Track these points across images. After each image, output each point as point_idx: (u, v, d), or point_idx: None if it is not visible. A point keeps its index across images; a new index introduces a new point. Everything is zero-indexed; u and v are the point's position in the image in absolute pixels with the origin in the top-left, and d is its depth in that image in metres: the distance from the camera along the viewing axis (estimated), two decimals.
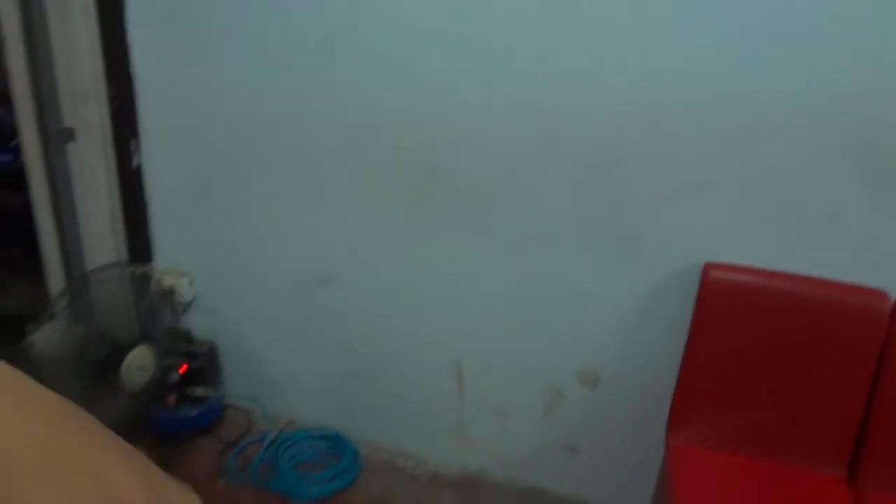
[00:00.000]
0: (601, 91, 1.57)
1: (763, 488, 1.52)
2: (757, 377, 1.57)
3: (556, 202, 1.69)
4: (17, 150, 3.72)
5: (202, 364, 2.08)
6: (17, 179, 3.70)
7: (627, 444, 1.82)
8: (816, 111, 1.46)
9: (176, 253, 2.18)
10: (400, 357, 2.01)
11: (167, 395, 1.88)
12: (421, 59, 1.68)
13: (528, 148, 1.67)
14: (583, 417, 1.86)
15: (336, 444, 2.11)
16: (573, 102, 1.60)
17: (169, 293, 2.12)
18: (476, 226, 1.78)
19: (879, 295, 1.49)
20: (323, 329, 2.07)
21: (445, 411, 2.01)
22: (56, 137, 2.05)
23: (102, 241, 2.19)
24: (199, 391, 2.04)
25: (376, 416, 2.11)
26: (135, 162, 2.08)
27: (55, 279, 2.24)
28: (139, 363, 1.64)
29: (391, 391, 2.06)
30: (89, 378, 1.60)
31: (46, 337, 1.58)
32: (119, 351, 1.62)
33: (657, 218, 1.62)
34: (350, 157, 1.84)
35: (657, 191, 1.61)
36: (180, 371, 1.85)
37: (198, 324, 2.20)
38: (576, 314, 1.77)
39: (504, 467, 2.00)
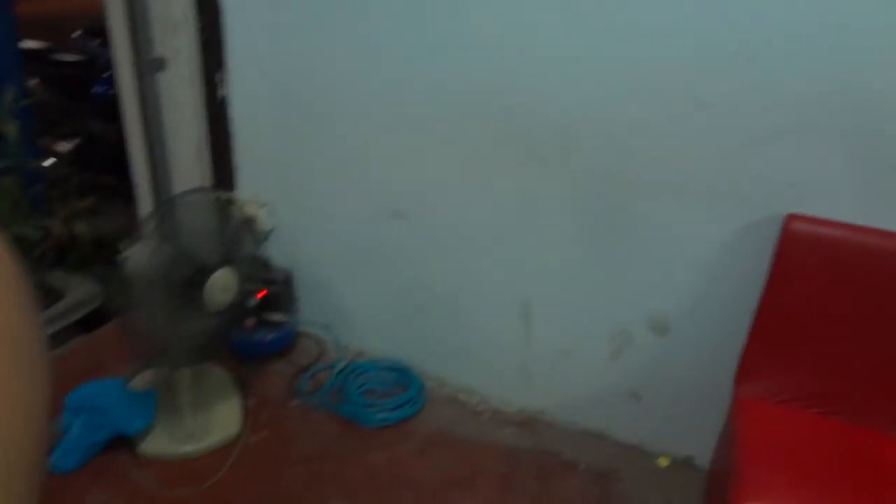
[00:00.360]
0: (690, 29, 1.52)
1: (832, 447, 1.49)
2: (834, 334, 1.53)
3: (637, 142, 1.66)
4: (109, 82, 3.88)
5: (279, 291, 2.16)
6: (109, 110, 3.88)
7: (693, 394, 1.82)
8: None
9: (257, 183, 2.25)
10: (469, 294, 2.04)
11: (246, 319, 1.97)
12: None
13: (612, 85, 1.63)
14: (649, 364, 1.86)
15: (403, 376, 2.18)
16: (660, 40, 1.55)
17: (250, 222, 2.20)
18: (554, 164, 1.77)
19: None
20: (396, 263, 2.12)
21: (511, 350, 2.04)
22: (148, 67, 2.12)
23: (189, 168, 2.28)
24: (276, 317, 2.13)
25: (443, 351, 2.16)
26: (220, 93, 2.14)
27: (145, 204, 2.36)
28: (222, 284, 1.72)
29: (459, 327, 2.10)
30: (175, 295, 1.69)
31: (137, 256, 1.66)
32: (203, 271, 1.70)
33: (742, 163, 1.57)
34: (429, 93, 1.85)
35: (745, 135, 1.55)
36: (258, 296, 1.93)
37: (276, 253, 2.28)
38: (650, 260, 1.75)
39: (566, 409, 2.03)
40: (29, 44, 3.33)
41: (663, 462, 1.92)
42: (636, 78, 1.60)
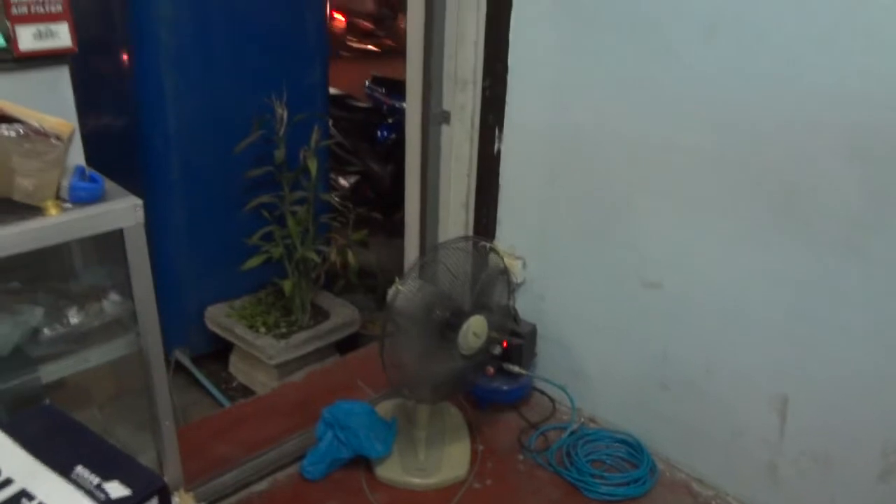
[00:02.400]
0: None
1: None
2: None
3: None
4: (390, 129, 4.29)
5: (523, 344, 2.21)
6: (387, 153, 4.29)
7: None
8: None
9: (515, 237, 2.34)
10: (720, 376, 1.92)
11: (488, 365, 2.03)
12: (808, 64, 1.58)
13: None
14: None
15: (634, 451, 2.10)
16: None
17: (504, 273, 2.28)
18: (841, 250, 1.62)
19: None
20: (642, 334, 2.07)
21: (759, 445, 1.88)
22: (435, 118, 2.32)
23: (455, 215, 2.43)
24: (516, 368, 2.17)
25: (681, 433, 2.05)
26: (496, 147, 2.27)
27: (411, 242, 2.55)
28: (475, 329, 1.80)
29: (703, 411, 1.98)
30: (432, 334, 1.80)
31: (405, 292, 1.80)
32: (460, 315, 1.79)
33: None
34: (702, 163, 1.80)
35: None
36: (503, 345, 1.98)
37: (524, 306, 2.33)
38: None
39: None
40: (331, 90, 3.80)
41: None
42: None
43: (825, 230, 1.64)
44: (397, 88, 4.20)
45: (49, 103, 1.39)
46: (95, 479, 0.86)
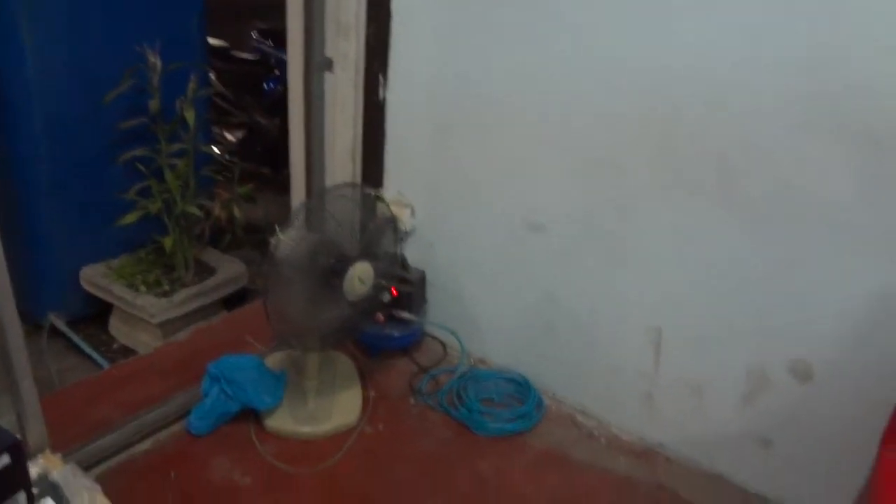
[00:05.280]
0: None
1: None
2: None
3: (812, 180, 1.56)
4: (277, 81, 4.17)
5: (412, 291, 2.22)
6: (275, 107, 4.16)
7: (831, 448, 1.69)
8: None
9: (403, 185, 2.33)
10: (600, 315, 2.01)
11: (377, 313, 2.04)
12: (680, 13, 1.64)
13: (790, 119, 1.55)
14: (786, 411, 1.74)
15: (522, 389, 2.18)
16: (859, 70, 1.45)
17: (392, 220, 2.28)
18: (712, 195, 1.71)
19: None
20: (529, 276, 2.13)
21: (637, 377, 1.98)
22: (317, 66, 2.25)
23: (342, 165, 2.39)
24: (406, 315, 2.19)
25: (566, 369, 2.14)
26: (381, 96, 2.24)
27: (298, 195, 2.50)
28: (361, 275, 1.80)
29: (585, 347, 2.07)
30: (318, 281, 1.78)
31: (286, 242, 1.77)
32: (345, 261, 1.78)
33: None
34: (590, 110, 1.84)
35: None
36: (392, 293, 1.99)
37: (413, 253, 2.35)
38: (802, 300, 1.65)
39: (688, 446, 1.95)
40: (212, 41, 3.64)
41: None
42: (818, 118, 1.51)
43: (695, 178, 1.72)
44: (284, 40, 4.07)
45: None
46: None
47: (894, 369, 1.50)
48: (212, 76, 3.95)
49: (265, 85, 4.13)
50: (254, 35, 4.52)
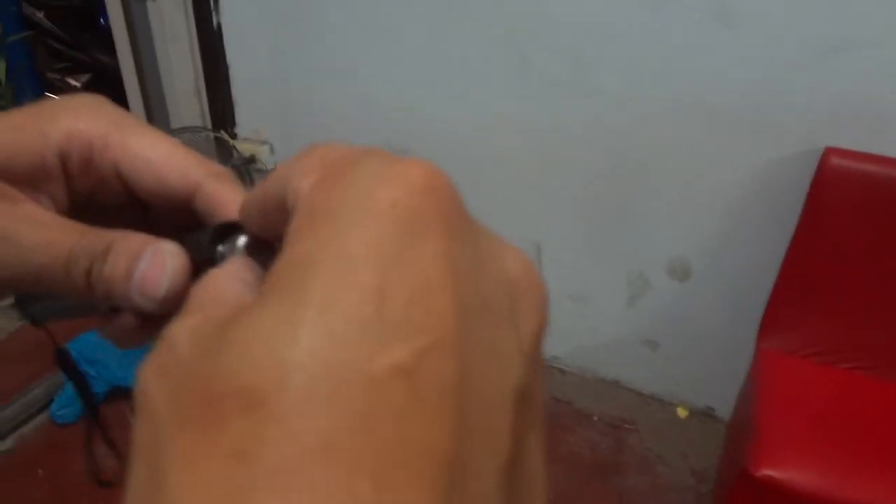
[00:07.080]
0: None
1: (859, 404, 1.38)
2: (869, 282, 1.40)
3: (660, 62, 1.49)
4: None
5: None
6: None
7: (714, 343, 1.71)
8: None
9: (257, 120, 2.13)
10: None
11: None
12: None
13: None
14: (668, 311, 1.74)
15: None
16: None
17: (250, 161, 2.10)
18: (570, 93, 1.61)
19: None
20: None
21: None
22: None
23: (188, 105, 2.17)
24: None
25: None
26: (215, 22, 2.01)
27: None
28: None
29: None
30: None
31: None
32: None
33: (781, 87, 1.41)
34: (439, 18, 1.70)
35: (788, 54, 1.37)
36: None
37: None
38: (669, 198, 1.61)
39: (580, 356, 1.94)
40: None
41: (682, 412, 1.83)
42: None
43: (548, 70, 1.62)
44: None
45: None
46: None
47: (768, 257, 1.49)
48: (41, 15, 3.51)
49: (101, 18, 3.71)
50: None
